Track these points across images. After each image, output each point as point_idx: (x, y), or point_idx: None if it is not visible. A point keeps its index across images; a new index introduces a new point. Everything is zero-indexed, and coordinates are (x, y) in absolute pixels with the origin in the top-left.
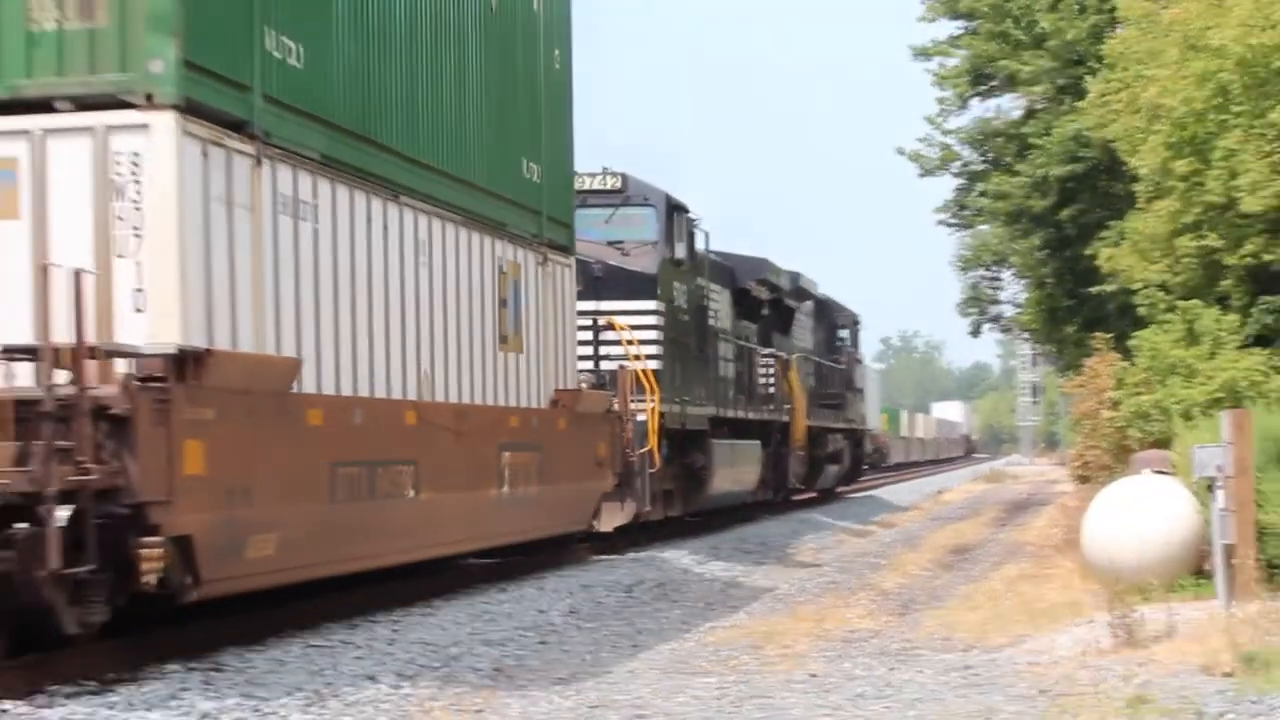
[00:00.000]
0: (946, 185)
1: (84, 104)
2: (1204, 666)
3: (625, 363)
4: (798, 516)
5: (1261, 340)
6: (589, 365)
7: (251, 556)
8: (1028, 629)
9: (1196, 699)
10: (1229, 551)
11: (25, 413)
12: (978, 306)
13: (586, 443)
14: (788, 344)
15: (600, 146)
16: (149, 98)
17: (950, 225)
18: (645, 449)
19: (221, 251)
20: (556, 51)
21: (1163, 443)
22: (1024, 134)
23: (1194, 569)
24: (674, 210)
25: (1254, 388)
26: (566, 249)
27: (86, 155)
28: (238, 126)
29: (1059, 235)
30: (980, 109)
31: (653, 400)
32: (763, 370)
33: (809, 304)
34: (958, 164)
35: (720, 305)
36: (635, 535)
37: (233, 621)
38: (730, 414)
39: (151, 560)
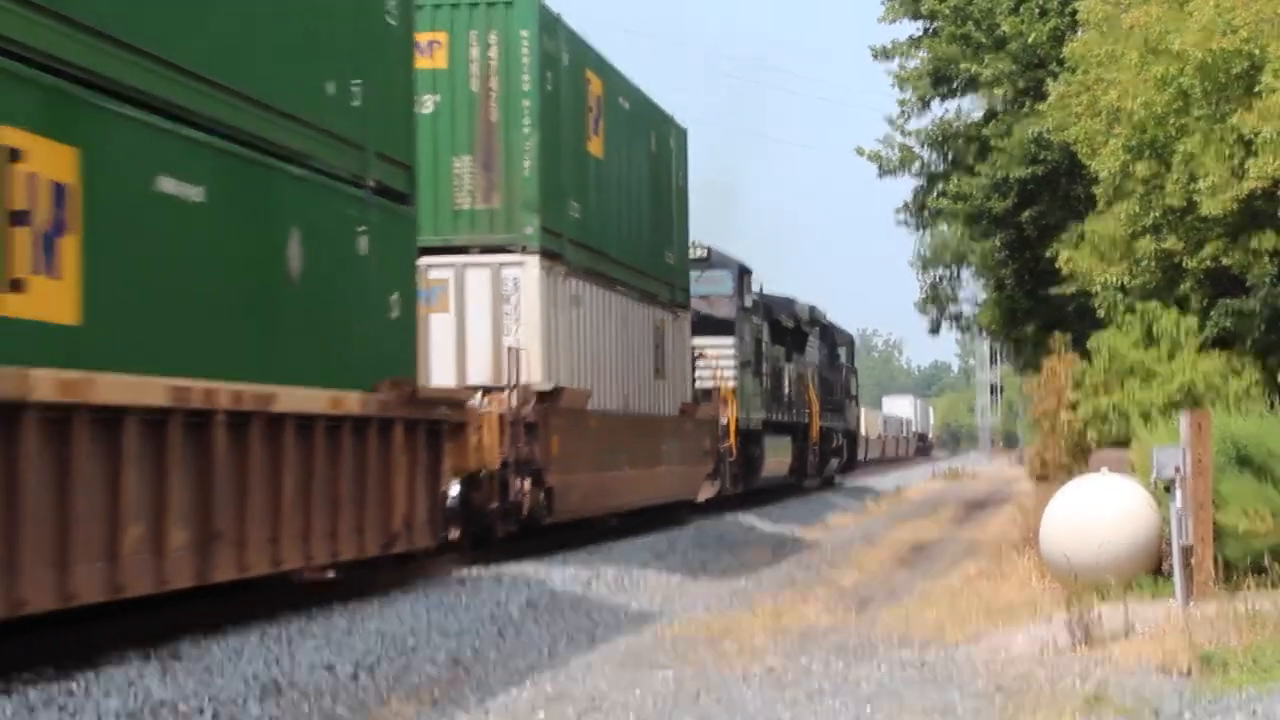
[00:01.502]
0: (906, 185)
1: (486, 249)
2: (1161, 666)
3: (712, 382)
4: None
5: (1220, 342)
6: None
7: (572, 502)
8: (985, 627)
9: (1153, 698)
10: (1187, 552)
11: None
12: (937, 305)
13: (699, 439)
14: (802, 361)
15: None
16: (524, 248)
17: (910, 225)
18: (727, 444)
19: (555, 330)
20: (678, 174)
21: (1121, 443)
22: (984, 135)
23: (1152, 569)
24: (743, 273)
25: (1212, 390)
26: (686, 307)
27: (487, 278)
28: (556, 257)
29: (1019, 236)
30: (941, 110)
31: (731, 409)
32: (789, 383)
33: (817, 329)
34: (918, 164)
35: (764, 335)
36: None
37: (190, 611)
38: (774, 418)
39: (534, 500)
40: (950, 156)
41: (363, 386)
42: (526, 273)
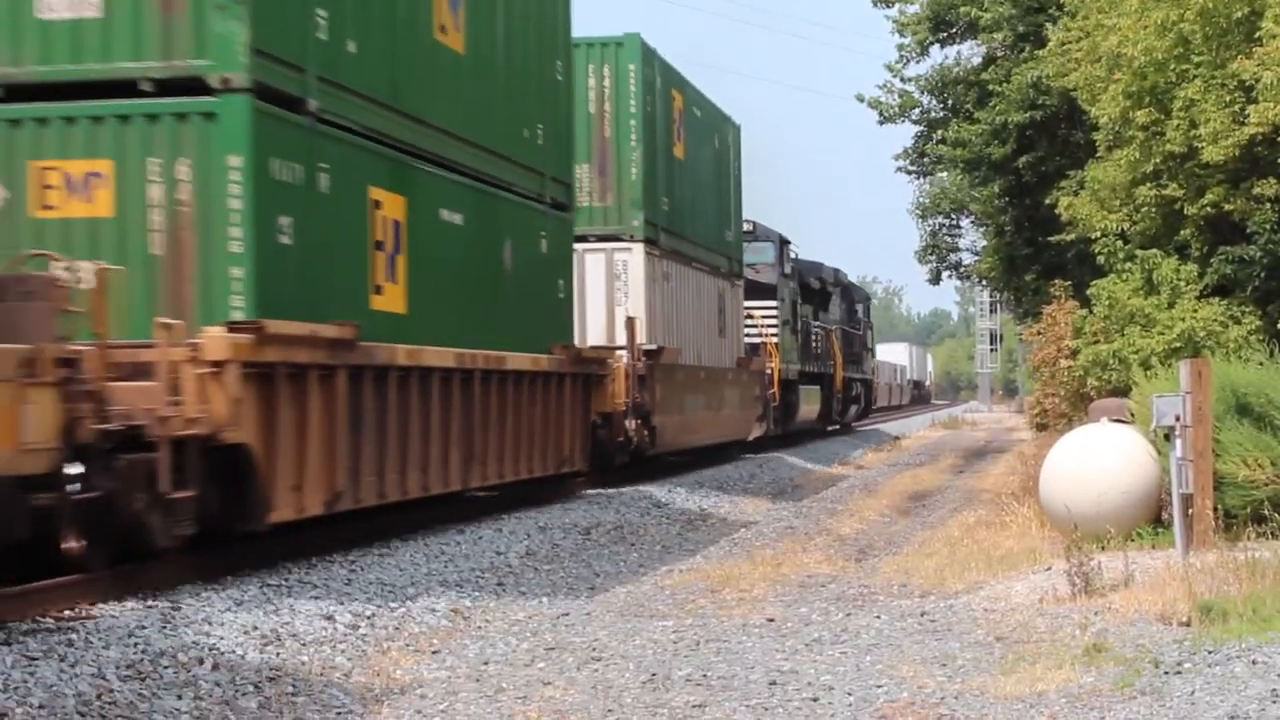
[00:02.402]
0: (906, 132)
1: (601, 238)
2: (1161, 616)
3: (759, 339)
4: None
5: (1220, 290)
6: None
7: (667, 438)
8: (985, 576)
9: (1153, 648)
10: (1187, 501)
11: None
12: (937, 253)
13: (750, 387)
14: (827, 318)
15: None
16: (631, 237)
17: (910, 172)
18: (771, 391)
19: (655, 301)
20: (735, 165)
21: (1121, 391)
22: (983, 81)
23: (1152, 518)
24: (783, 243)
25: (1212, 337)
26: (740, 276)
27: (602, 261)
28: (653, 243)
29: (1018, 183)
30: (940, 56)
31: (774, 362)
32: (816, 338)
33: (839, 289)
34: (917, 111)
35: (798, 297)
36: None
37: (190, 560)
38: (808, 369)
39: (636, 433)
40: (949, 103)
41: (543, 350)
42: (634, 257)
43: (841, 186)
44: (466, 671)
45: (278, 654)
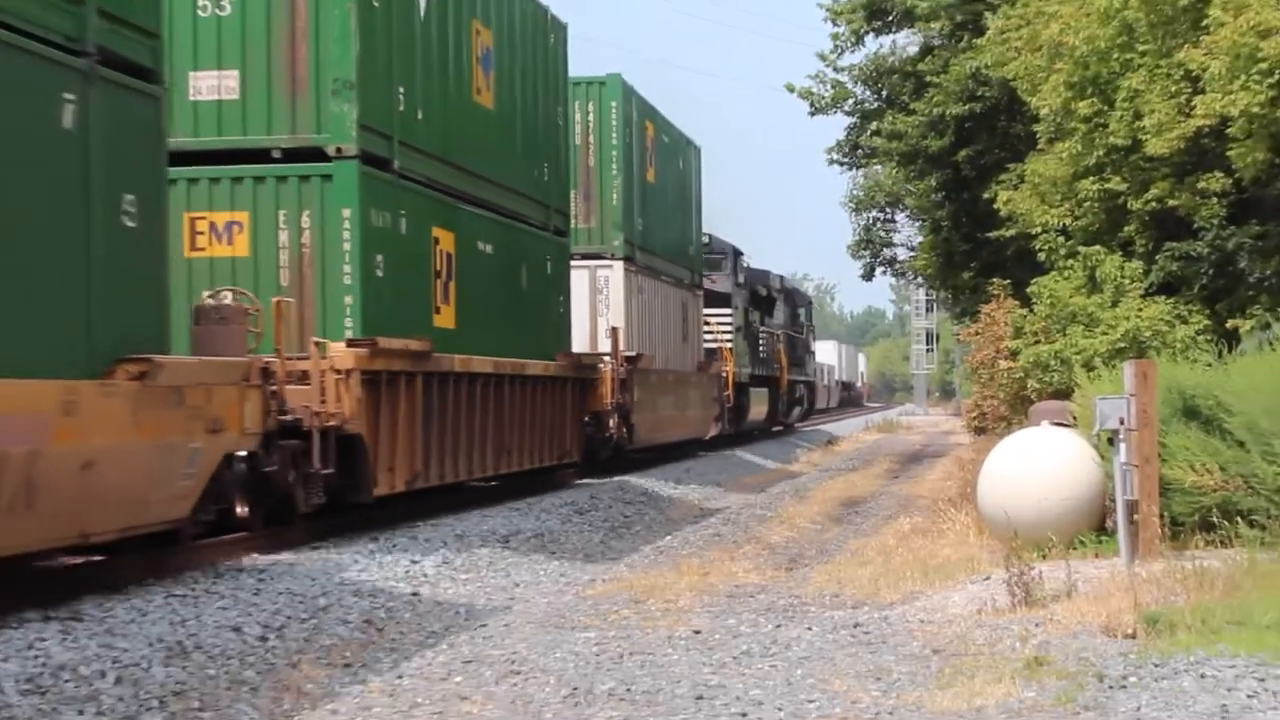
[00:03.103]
0: (839, 124)
1: (585, 255)
2: (1105, 627)
3: (715, 344)
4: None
5: (1166, 288)
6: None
7: (643, 435)
8: (921, 586)
9: (1097, 661)
10: (1131, 507)
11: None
12: (870, 249)
13: (709, 389)
14: (772, 323)
15: None
16: (612, 255)
17: (843, 165)
18: (726, 393)
19: (632, 312)
20: (696, 185)
21: (1063, 393)
22: (920, 71)
23: (1095, 525)
24: (737, 254)
25: (1158, 337)
26: (701, 286)
27: (586, 276)
28: (630, 260)
29: (956, 177)
30: (875, 45)
31: (729, 366)
32: (764, 342)
33: (783, 294)
34: (851, 102)
35: (748, 304)
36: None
37: (93, 571)
38: (757, 372)
39: (618, 431)
40: (885, 94)
41: (549, 357)
42: (614, 273)
43: (771, 178)
44: (380, 686)
45: (184, 666)
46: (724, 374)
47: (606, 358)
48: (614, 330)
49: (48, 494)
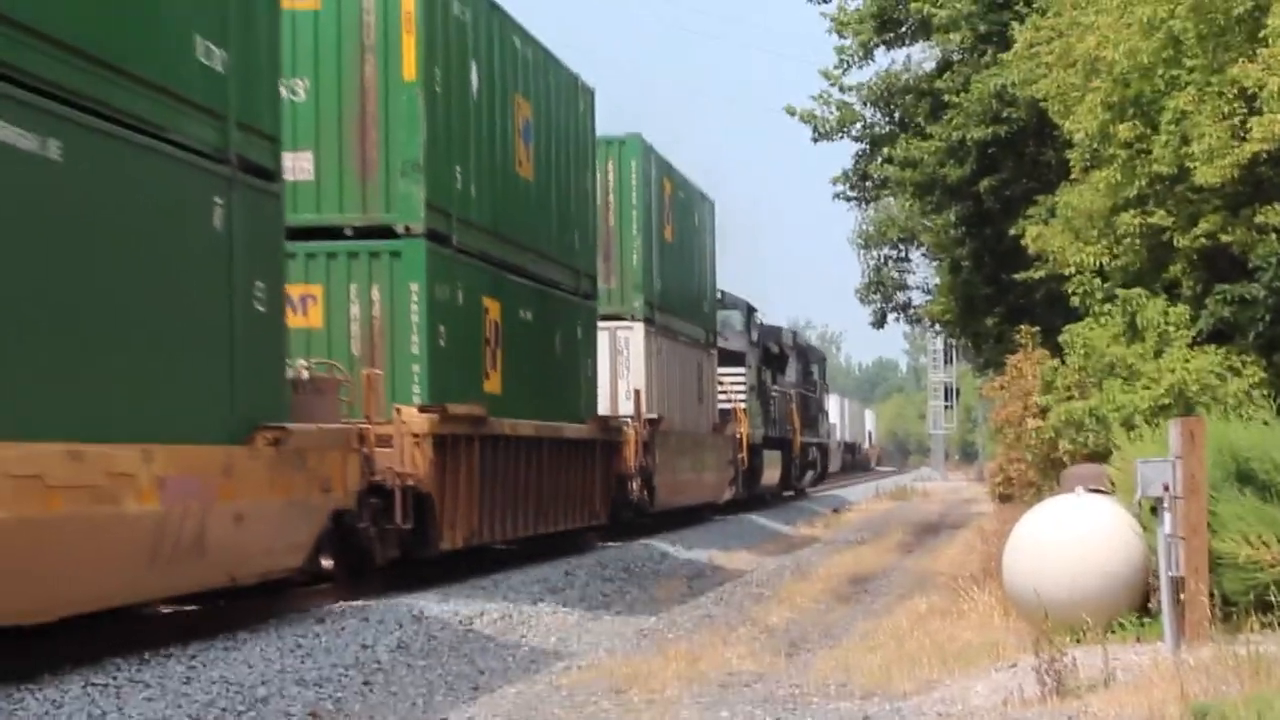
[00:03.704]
0: (845, 151)
1: (607, 317)
2: None
3: (729, 405)
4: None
5: (1217, 336)
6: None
7: (663, 497)
8: (939, 674)
9: None
10: (1177, 585)
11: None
12: (882, 292)
13: (724, 451)
14: (784, 381)
15: None
16: (632, 316)
17: (850, 198)
18: (740, 455)
19: (652, 373)
20: (710, 240)
21: (1099, 456)
22: (938, 90)
23: (1136, 606)
24: (750, 311)
25: (1207, 391)
26: (715, 345)
27: (607, 338)
28: (650, 321)
29: (978, 210)
30: (886, 60)
31: (743, 427)
32: (775, 402)
33: (795, 350)
34: (859, 126)
35: (762, 362)
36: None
37: (2, 656)
38: (770, 434)
39: (639, 493)
40: (897, 116)
41: (580, 420)
42: (635, 335)
43: (767, 209)
44: None
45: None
46: (738, 436)
47: (629, 420)
48: (636, 393)
49: (213, 543)
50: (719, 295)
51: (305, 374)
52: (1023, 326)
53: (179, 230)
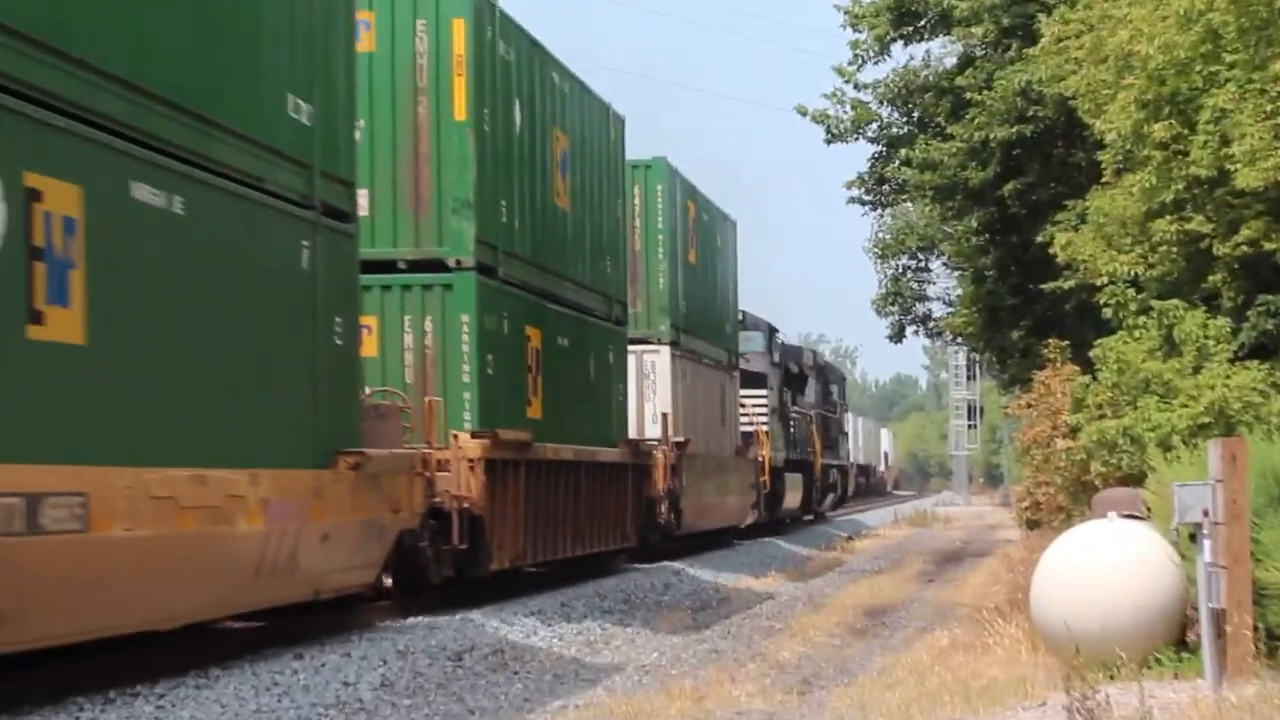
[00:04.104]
0: (861, 153)
1: (634, 341)
2: None
3: (750, 427)
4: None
5: (1259, 350)
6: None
7: (689, 520)
8: (962, 712)
9: None
10: (1218, 617)
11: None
12: (900, 303)
13: (746, 474)
14: (804, 402)
15: None
16: (659, 340)
17: (865, 203)
18: (763, 479)
19: (678, 397)
20: (732, 261)
21: (1133, 479)
22: (959, 88)
23: (1174, 639)
24: (772, 331)
25: (1249, 410)
26: (737, 366)
27: (634, 362)
28: (676, 344)
29: (1002, 216)
30: (904, 56)
31: (765, 450)
32: (796, 424)
33: (814, 370)
34: (875, 126)
35: (783, 383)
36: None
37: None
38: (791, 456)
39: (667, 516)
40: (916, 115)
41: (612, 444)
42: (661, 358)
43: (775, 214)
44: None
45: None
46: (760, 459)
47: (657, 443)
48: (664, 416)
49: (303, 560)
50: (740, 316)
51: (369, 401)
52: (1051, 340)
53: (276, 273)
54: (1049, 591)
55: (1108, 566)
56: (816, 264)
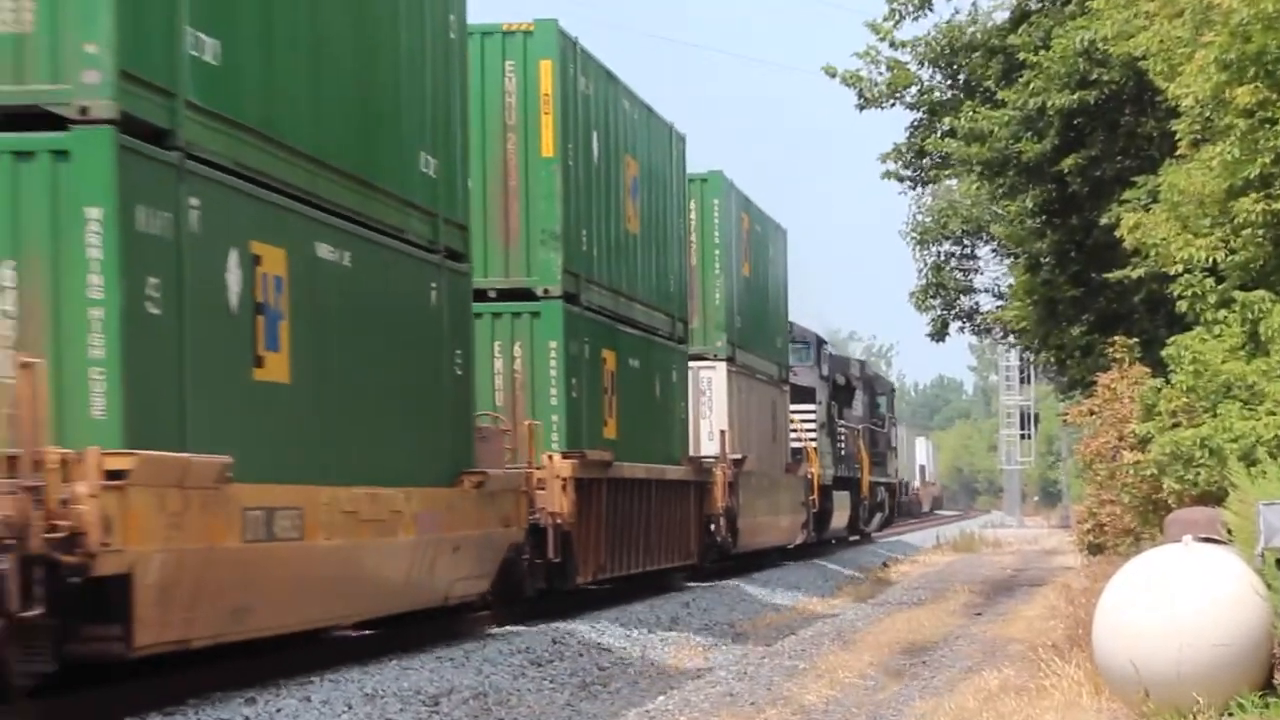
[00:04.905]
0: (898, 121)
1: (692, 358)
2: None
3: (799, 443)
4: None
5: None
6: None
7: (745, 539)
8: None
9: None
10: None
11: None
12: (942, 296)
13: (796, 493)
14: (852, 416)
15: None
16: (715, 356)
17: (902, 180)
18: (812, 497)
19: (733, 413)
20: (783, 272)
21: (1212, 497)
22: (1011, 47)
23: (1259, 683)
24: (820, 344)
25: None
26: (787, 381)
27: (691, 376)
28: (732, 360)
29: (1061, 194)
30: (949, 10)
31: (814, 467)
32: (843, 439)
33: (861, 381)
34: (915, 90)
35: (831, 397)
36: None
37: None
38: (840, 473)
39: (722, 533)
40: (961, 78)
41: (676, 462)
42: (717, 375)
43: (800, 192)
44: None
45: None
46: (809, 476)
47: (715, 460)
48: (722, 433)
49: (439, 568)
50: (788, 324)
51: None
52: (1117, 338)
53: (414, 312)
54: (1114, 627)
55: (1182, 598)
56: (846, 248)
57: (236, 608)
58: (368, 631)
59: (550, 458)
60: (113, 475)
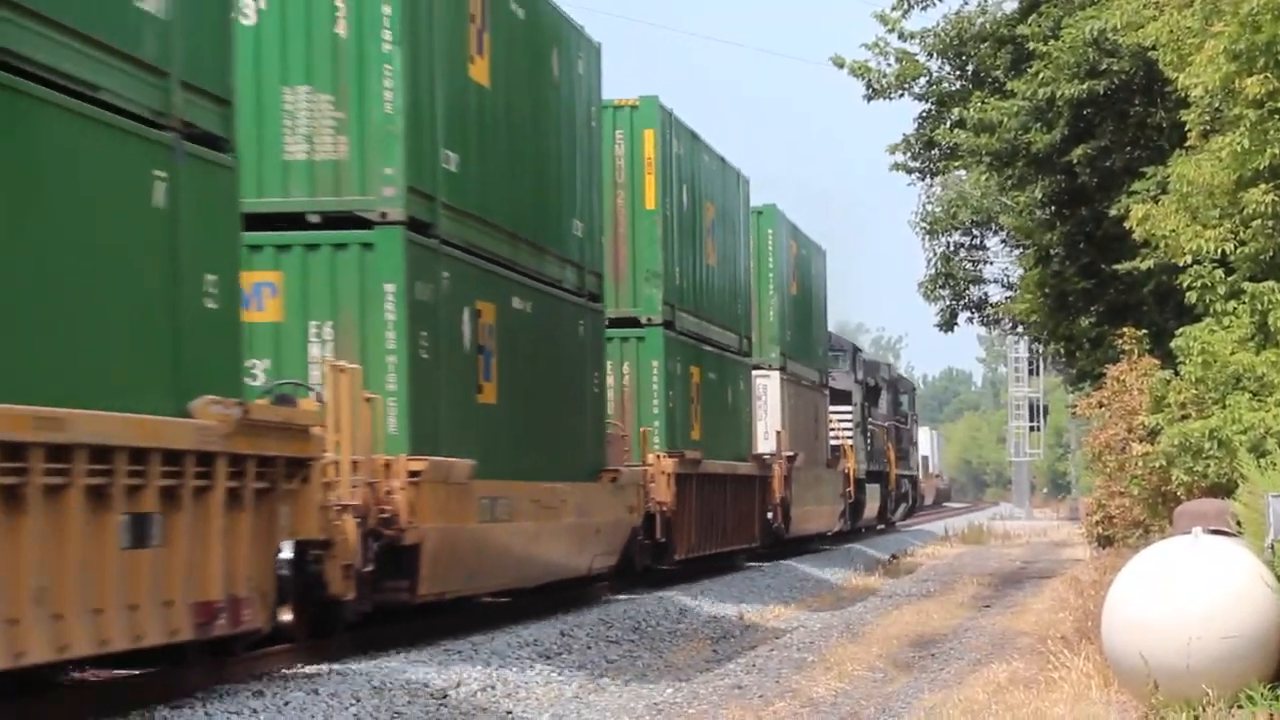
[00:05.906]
0: (906, 112)
1: (752, 367)
2: None
3: (837, 441)
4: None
5: None
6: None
7: (795, 525)
8: None
9: None
10: None
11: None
12: (951, 286)
13: (836, 485)
14: (879, 414)
15: None
16: (770, 366)
17: (911, 171)
18: (848, 489)
19: (785, 416)
20: (823, 286)
21: (1221, 489)
22: (1021, 37)
23: (1269, 675)
24: (856, 351)
25: None
26: (826, 386)
27: (749, 382)
28: (784, 369)
29: (1070, 185)
30: (957, 1)
31: (850, 463)
32: (873, 436)
33: (886, 382)
34: (923, 81)
35: (864, 399)
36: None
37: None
38: (871, 468)
39: (779, 520)
40: (970, 69)
41: (743, 459)
42: (772, 382)
43: (808, 188)
44: None
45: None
46: (846, 470)
47: (772, 457)
48: (777, 434)
49: (588, 546)
50: (827, 337)
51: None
52: (1126, 329)
53: (569, 345)
54: (1123, 619)
55: (1191, 590)
56: (854, 239)
57: (471, 571)
58: (503, 599)
59: (657, 457)
60: (413, 474)
